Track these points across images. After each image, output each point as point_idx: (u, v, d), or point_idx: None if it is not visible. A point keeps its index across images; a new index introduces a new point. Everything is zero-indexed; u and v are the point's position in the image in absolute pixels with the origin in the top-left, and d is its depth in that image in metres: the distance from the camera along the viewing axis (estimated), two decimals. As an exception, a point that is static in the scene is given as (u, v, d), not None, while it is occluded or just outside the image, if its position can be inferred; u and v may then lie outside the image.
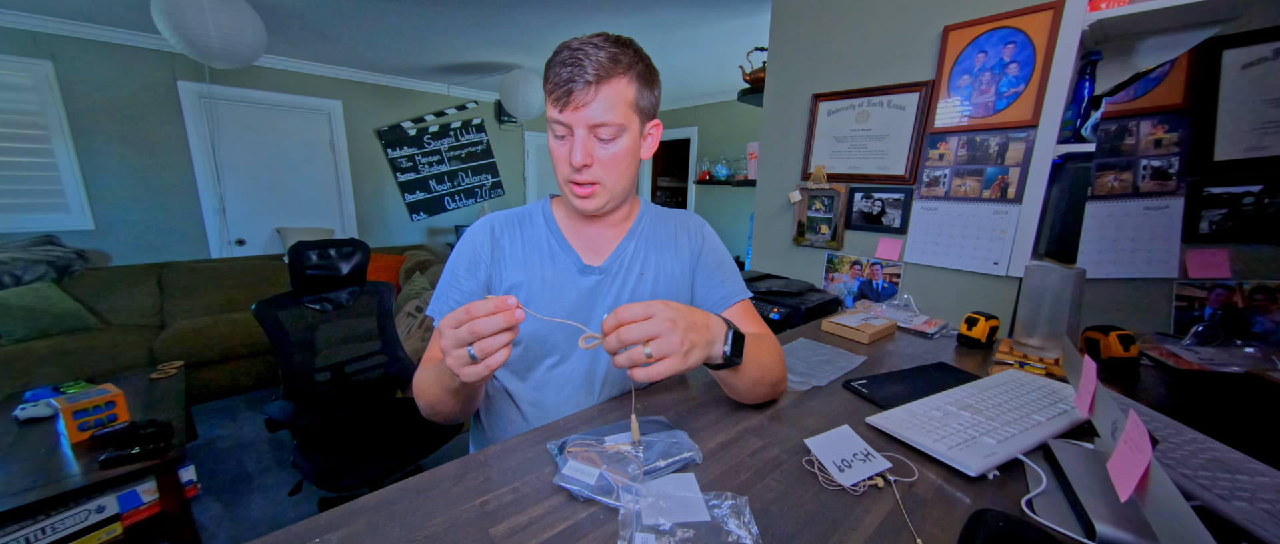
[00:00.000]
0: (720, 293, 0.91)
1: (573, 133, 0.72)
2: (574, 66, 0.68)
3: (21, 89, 2.87)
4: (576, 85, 0.69)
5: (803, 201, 1.90)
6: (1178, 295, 0.58)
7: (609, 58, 0.69)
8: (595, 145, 0.74)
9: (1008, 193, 1.40)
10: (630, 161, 0.78)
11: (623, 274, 0.86)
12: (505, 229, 0.87)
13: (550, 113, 0.73)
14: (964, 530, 0.49)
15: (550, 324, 0.81)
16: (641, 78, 0.74)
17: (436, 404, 0.72)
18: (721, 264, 0.93)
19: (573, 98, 0.69)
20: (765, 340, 0.81)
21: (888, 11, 1.60)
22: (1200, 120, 0.59)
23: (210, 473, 2.20)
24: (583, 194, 0.76)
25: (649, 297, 0.87)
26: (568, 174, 0.75)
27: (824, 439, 0.67)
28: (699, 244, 0.94)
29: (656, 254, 0.89)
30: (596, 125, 0.71)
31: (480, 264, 0.84)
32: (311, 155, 4.10)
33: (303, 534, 0.48)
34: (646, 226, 0.91)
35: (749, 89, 2.35)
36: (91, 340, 2.65)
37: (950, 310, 1.50)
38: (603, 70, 0.69)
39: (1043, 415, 0.71)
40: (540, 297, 0.83)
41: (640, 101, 0.75)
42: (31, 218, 2.99)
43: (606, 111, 0.71)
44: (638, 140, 0.78)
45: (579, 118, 0.71)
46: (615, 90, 0.71)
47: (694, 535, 0.49)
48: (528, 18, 2.89)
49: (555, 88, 0.70)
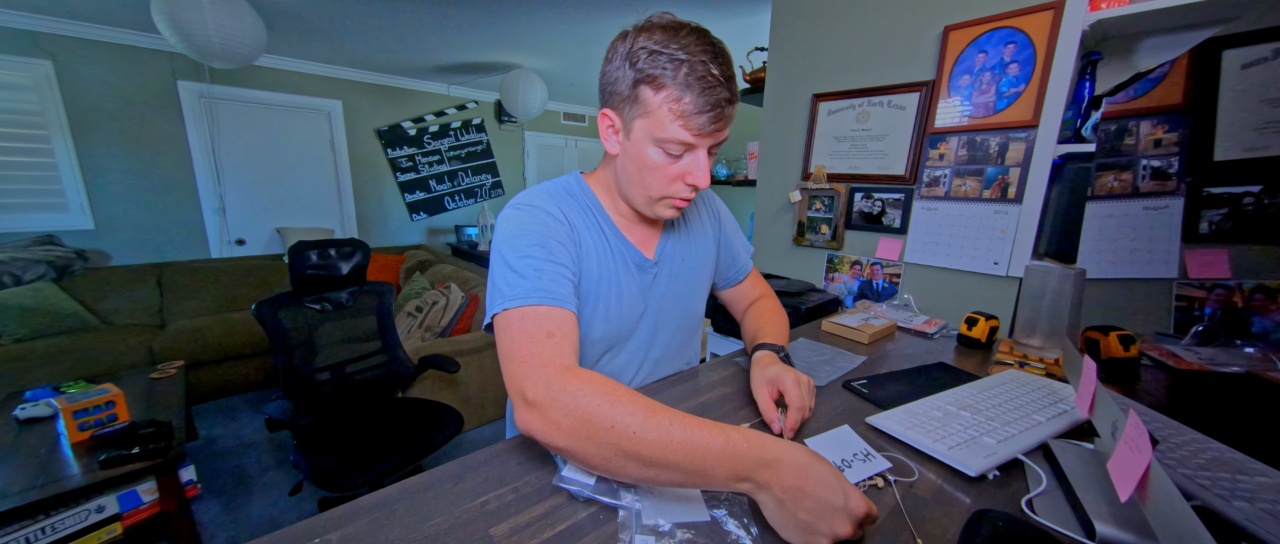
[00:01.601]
0: (739, 262, 1.00)
1: (693, 151, 0.69)
2: (723, 88, 0.65)
3: (21, 89, 2.87)
4: (727, 108, 0.66)
5: (803, 201, 1.90)
6: (1178, 295, 0.58)
7: (733, 72, 0.68)
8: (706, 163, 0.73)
9: (1008, 193, 1.40)
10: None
11: (670, 264, 0.87)
12: (572, 209, 0.79)
13: (671, 131, 0.66)
14: (964, 530, 0.49)
15: (617, 320, 0.81)
16: (737, 100, 0.73)
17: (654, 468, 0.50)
18: (735, 231, 1.01)
19: (721, 120, 0.66)
20: (772, 301, 1.00)
21: (888, 11, 1.60)
22: (1200, 120, 0.59)
23: (210, 473, 2.20)
24: (682, 206, 0.75)
25: (691, 280, 0.91)
26: (679, 192, 0.72)
27: (824, 439, 0.67)
28: (717, 218, 0.97)
29: (691, 237, 0.91)
30: (715, 147, 0.71)
31: (573, 240, 0.75)
32: (311, 155, 4.10)
33: (303, 534, 0.48)
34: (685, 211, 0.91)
35: (749, 89, 2.35)
36: (91, 340, 2.65)
37: (950, 310, 1.50)
38: (736, 88, 0.67)
39: (1043, 415, 0.71)
40: (610, 292, 0.80)
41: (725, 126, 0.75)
42: (31, 218, 2.99)
43: (725, 137, 0.71)
44: None
45: (713, 141, 0.69)
46: (731, 118, 0.69)
47: (694, 536, 0.49)
48: (528, 18, 2.89)
49: (703, 109, 0.64)
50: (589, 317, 0.78)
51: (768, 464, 0.48)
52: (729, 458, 0.49)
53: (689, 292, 0.91)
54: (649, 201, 0.75)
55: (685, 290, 0.90)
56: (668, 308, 0.88)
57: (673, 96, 0.64)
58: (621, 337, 0.83)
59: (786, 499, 0.47)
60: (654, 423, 0.51)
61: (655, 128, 0.66)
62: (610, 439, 0.51)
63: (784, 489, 0.47)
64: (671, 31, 0.65)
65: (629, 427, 0.51)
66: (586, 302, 0.77)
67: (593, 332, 0.79)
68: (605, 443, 0.51)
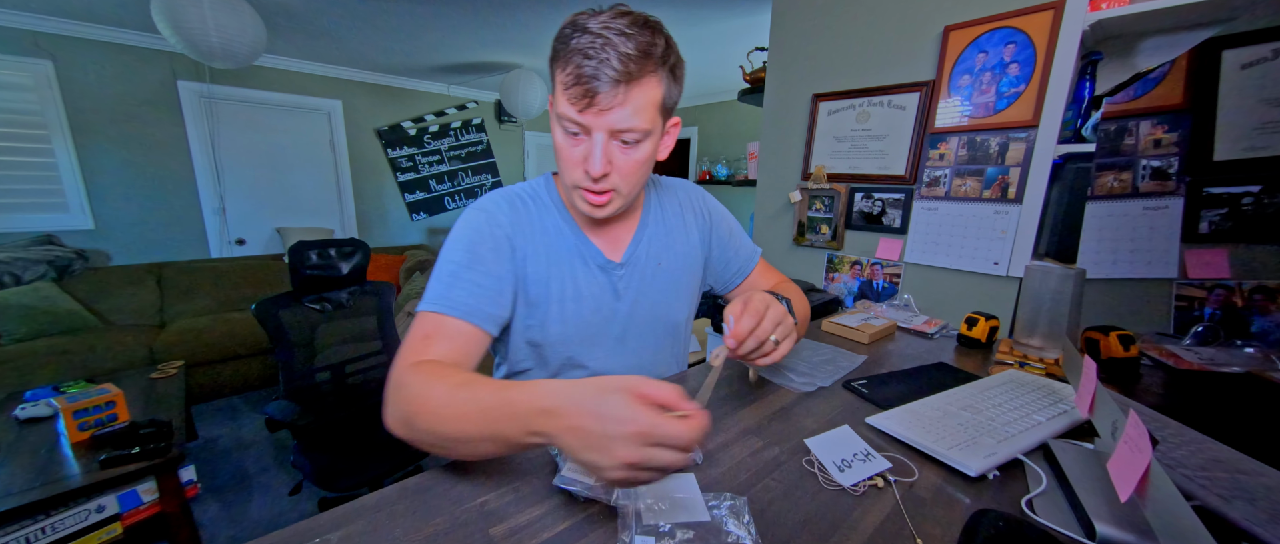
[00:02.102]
0: (739, 261, 0.94)
1: (590, 135, 0.64)
2: (599, 61, 0.58)
3: (21, 89, 2.87)
4: (602, 85, 0.59)
5: (803, 201, 1.90)
6: (1178, 295, 0.58)
7: (640, 51, 0.59)
8: (616, 151, 0.66)
9: (1008, 193, 1.40)
10: (649, 166, 0.71)
11: (641, 267, 0.83)
12: (521, 211, 0.77)
13: (561, 106, 0.63)
14: (964, 530, 0.49)
15: (576, 323, 0.78)
16: (673, 72, 0.66)
17: (463, 443, 0.51)
18: (733, 231, 0.95)
19: (597, 100, 0.60)
20: (791, 287, 0.92)
21: (888, 11, 1.60)
22: (1200, 120, 0.59)
23: (210, 473, 2.20)
24: (598, 202, 0.70)
25: (668, 285, 0.86)
26: (581, 180, 0.67)
27: (824, 439, 0.67)
28: (706, 219, 0.92)
29: (670, 239, 0.87)
30: (620, 131, 0.63)
31: (508, 247, 0.74)
32: (311, 155, 4.10)
33: (303, 534, 0.48)
34: (655, 212, 0.87)
35: (749, 89, 2.35)
36: (91, 340, 2.64)
37: (950, 310, 1.50)
38: (633, 68, 0.59)
39: (1043, 415, 0.71)
40: (566, 293, 0.77)
41: (667, 100, 0.67)
42: (31, 218, 2.99)
43: (633, 116, 0.62)
44: (658, 140, 0.71)
45: (602, 122, 0.62)
46: (645, 92, 0.62)
47: (693, 536, 0.49)
48: (528, 17, 2.89)
49: (574, 82, 0.60)
50: (542, 318, 0.77)
51: (545, 412, 0.45)
52: (510, 416, 0.47)
53: (666, 297, 0.86)
54: (570, 193, 0.72)
55: (661, 296, 0.85)
56: (640, 313, 0.83)
57: (562, 68, 0.62)
58: (585, 340, 0.80)
59: (572, 442, 0.43)
60: (451, 396, 0.52)
61: (555, 103, 0.65)
62: (420, 422, 0.53)
63: (565, 431, 0.44)
64: (600, 11, 0.62)
65: (430, 405, 0.52)
66: (537, 303, 0.76)
67: (548, 333, 0.77)
68: (419, 427, 0.53)
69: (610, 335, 0.82)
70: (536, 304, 0.76)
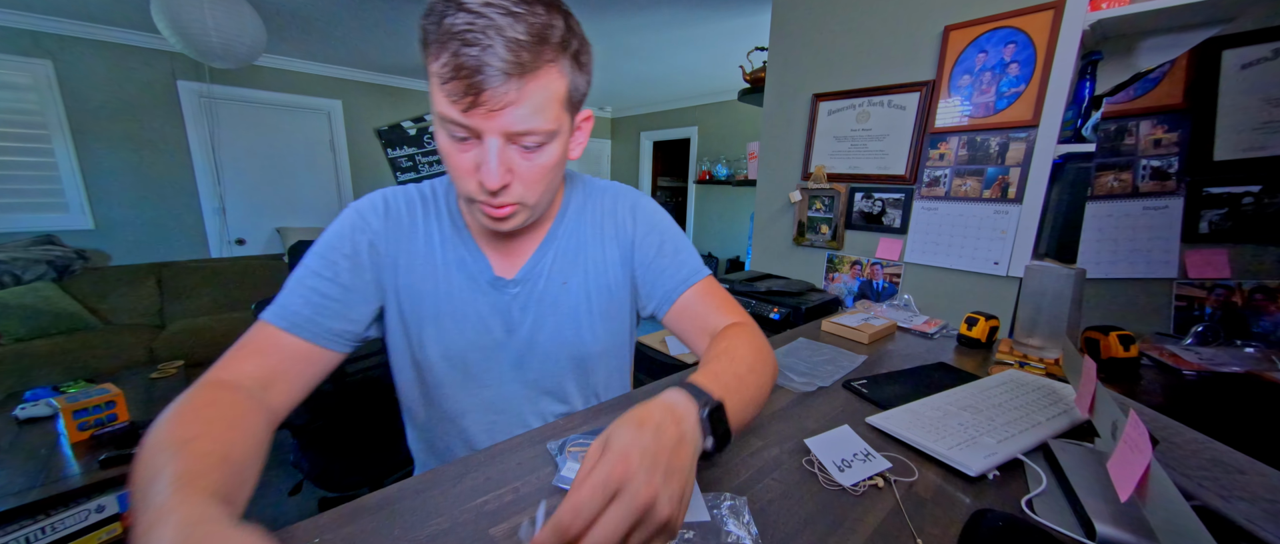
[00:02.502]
0: (668, 283, 0.74)
1: (481, 139, 0.53)
2: (482, 48, 0.48)
3: (21, 89, 2.88)
4: (490, 79, 0.48)
5: (803, 201, 1.90)
6: (1178, 295, 0.58)
7: (534, 35, 0.49)
8: (515, 157, 0.56)
9: (1008, 193, 1.40)
10: (559, 170, 0.62)
11: (539, 285, 0.72)
12: (402, 214, 0.69)
13: (441, 104, 0.52)
14: (964, 530, 0.49)
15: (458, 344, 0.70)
16: (576, 59, 0.56)
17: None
18: (662, 246, 0.76)
19: (484, 98, 0.49)
20: (741, 347, 0.61)
21: (888, 11, 1.60)
22: (1200, 120, 0.59)
23: (210, 473, 2.19)
24: (498, 216, 0.59)
25: (577, 309, 0.74)
26: (475, 193, 0.57)
27: (824, 439, 0.67)
28: (630, 230, 0.76)
29: (582, 255, 0.75)
30: (518, 134, 0.53)
31: (369, 255, 0.66)
32: (311, 155, 4.10)
33: (303, 534, 0.48)
34: (571, 222, 0.75)
35: (749, 89, 2.35)
36: (91, 340, 2.65)
37: (950, 310, 1.50)
38: (527, 57, 0.49)
39: (1043, 415, 0.71)
40: (444, 311, 0.69)
41: (574, 94, 0.58)
42: (31, 218, 2.99)
43: (533, 115, 0.52)
44: (568, 139, 0.61)
45: (494, 125, 0.52)
46: (545, 85, 0.52)
47: (694, 536, 0.49)
48: (528, 18, 2.89)
49: (453, 76, 0.48)
50: (418, 336, 0.69)
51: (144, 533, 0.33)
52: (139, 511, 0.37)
53: (573, 323, 0.74)
54: (470, 208, 0.62)
55: (567, 320, 0.73)
56: (541, 339, 0.73)
57: (435, 57, 0.50)
58: (470, 365, 0.71)
59: None
60: (153, 451, 0.41)
61: (433, 99, 0.54)
62: (134, 468, 0.42)
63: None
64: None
65: (147, 442, 0.43)
66: (413, 319, 0.69)
67: (428, 353, 0.70)
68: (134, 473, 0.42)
69: (504, 361, 0.73)
70: (412, 322, 0.69)
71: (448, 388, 0.72)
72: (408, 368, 0.73)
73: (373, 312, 0.68)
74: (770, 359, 0.64)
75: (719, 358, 0.58)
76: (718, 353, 0.59)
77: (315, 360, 0.61)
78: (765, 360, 0.62)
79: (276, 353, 0.58)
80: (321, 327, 0.61)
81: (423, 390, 0.74)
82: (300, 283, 0.62)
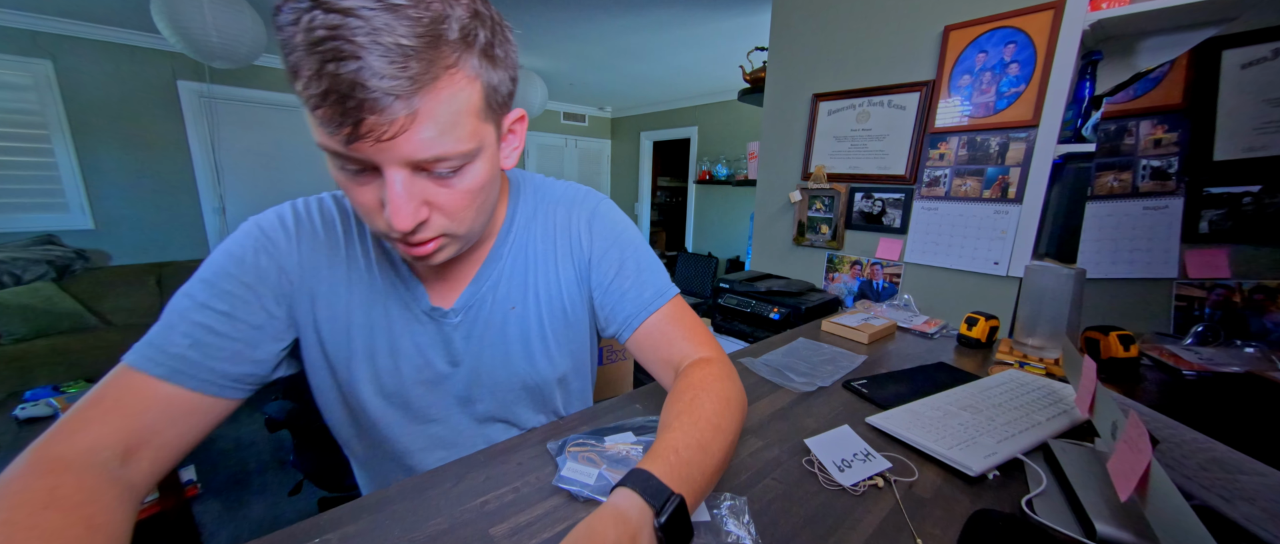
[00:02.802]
0: (629, 307, 0.66)
1: (380, 171, 0.43)
2: (358, 65, 0.36)
3: (21, 89, 2.87)
4: (371, 103, 0.37)
5: (803, 201, 1.90)
6: (1177, 295, 0.58)
7: (424, 37, 0.38)
8: (427, 187, 0.46)
9: (1008, 193, 1.40)
10: (490, 189, 0.52)
11: (487, 311, 0.64)
12: (317, 233, 0.59)
13: (318, 134, 0.41)
14: (964, 530, 0.49)
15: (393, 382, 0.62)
16: (488, 54, 0.44)
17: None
18: (623, 266, 0.67)
19: (366, 126, 0.38)
20: (706, 401, 0.54)
21: (888, 11, 1.60)
22: (1199, 120, 0.59)
23: (210, 473, 2.20)
24: (420, 254, 0.50)
25: (528, 336, 0.66)
26: (386, 233, 0.47)
27: (824, 439, 0.67)
28: (586, 247, 0.68)
29: (532, 275, 0.66)
30: (426, 162, 0.43)
31: (275, 283, 0.55)
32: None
33: (303, 534, 0.48)
34: (518, 237, 0.66)
35: (749, 89, 2.36)
36: (91, 340, 2.65)
37: (950, 310, 1.50)
38: (418, 67, 0.38)
39: (1043, 415, 0.71)
40: (383, 353, 0.61)
41: (494, 96, 0.47)
42: (31, 218, 2.99)
43: (440, 138, 0.42)
44: (496, 151, 0.52)
45: (390, 155, 0.41)
46: (449, 98, 0.41)
47: (694, 535, 0.49)
48: (527, 17, 2.89)
49: (320, 101, 0.37)
50: (349, 375, 0.61)
51: None
52: None
53: (524, 349, 0.66)
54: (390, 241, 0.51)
55: (517, 348, 0.66)
56: (487, 370, 0.65)
57: (298, 75, 0.38)
58: (412, 402, 0.64)
59: None
60: None
61: (311, 126, 0.42)
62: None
63: None
64: None
65: None
66: (341, 357, 0.60)
67: (361, 392, 0.62)
68: None
69: (449, 396, 0.66)
70: (339, 360, 0.60)
71: (388, 428, 0.65)
72: (337, 408, 0.65)
73: (281, 351, 0.57)
74: (738, 405, 0.57)
75: (681, 418, 0.51)
76: (680, 411, 0.53)
77: (200, 413, 0.50)
78: (732, 410, 0.55)
79: (145, 409, 0.47)
80: (212, 371, 0.50)
81: (359, 430, 0.67)
82: (183, 317, 0.50)
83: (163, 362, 0.48)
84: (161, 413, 0.48)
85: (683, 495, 0.42)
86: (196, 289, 0.52)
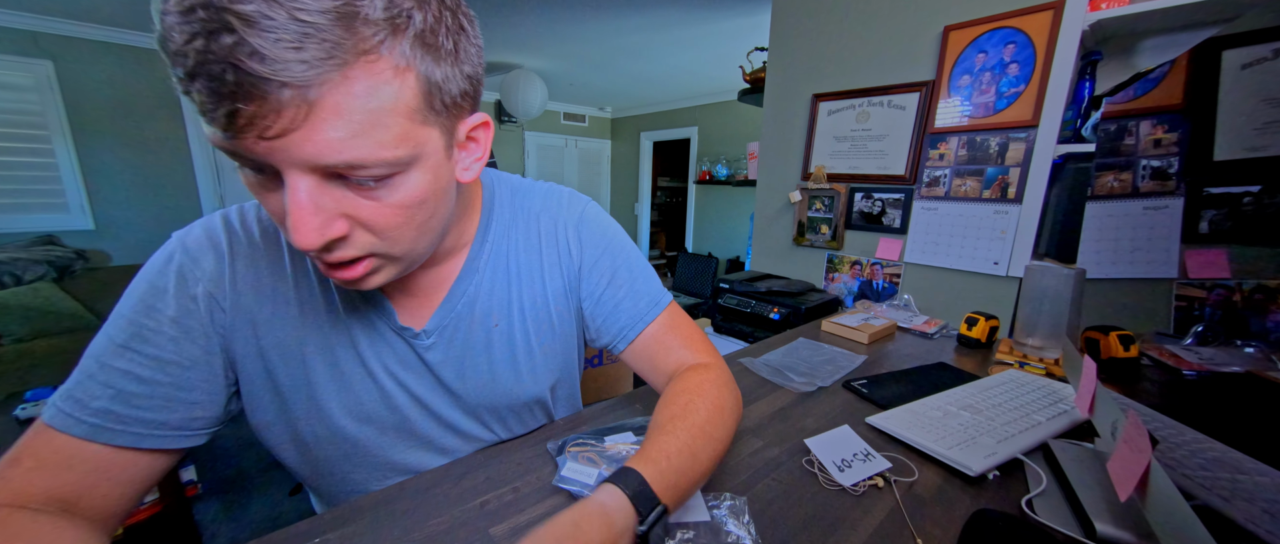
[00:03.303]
0: (623, 319, 0.63)
1: (282, 174, 0.35)
2: (229, 36, 0.29)
3: (21, 89, 2.88)
4: (252, 88, 0.30)
5: (803, 201, 1.90)
6: (1177, 295, 0.58)
7: (331, 17, 0.31)
8: (348, 198, 0.38)
9: (1008, 193, 1.40)
10: (432, 204, 0.43)
11: (465, 329, 0.58)
12: (264, 245, 0.52)
13: (205, 125, 0.33)
14: (964, 530, 0.49)
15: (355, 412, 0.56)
16: (423, 43, 0.36)
17: None
18: (615, 275, 0.63)
19: (245, 118, 0.31)
20: (700, 406, 0.52)
21: (888, 11, 1.60)
22: (1199, 120, 0.59)
23: (210, 473, 2.20)
24: (345, 277, 0.42)
25: (512, 352, 0.61)
26: (297, 244, 0.37)
27: (824, 439, 0.67)
28: (576, 257, 0.63)
29: (516, 288, 0.60)
30: (337, 168, 0.35)
31: (205, 313, 0.48)
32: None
33: (303, 534, 0.48)
34: (495, 245, 0.60)
35: (749, 89, 2.36)
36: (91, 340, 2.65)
37: (950, 310, 1.50)
38: (317, 51, 0.31)
39: (1043, 415, 0.71)
40: (352, 375, 0.54)
41: (435, 96, 0.38)
42: (31, 218, 2.99)
43: (354, 140, 0.34)
44: (444, 161, 0.43)
45: (286, 157, 0.33)
46: (366, 93, 0.34)
47: (693, 536, 0.49)
48: (527, 18, 2.89)
49: (187, 84, 0.31)
50: (306, 409, 0.54)
51: None
52: None
53: (510, 367, 0.61)
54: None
55: (503, 366, 0.61)
56: (472, 391, 0.60)
57: (173, 53, 0.31)
58: (386, 428, 0.58)
59: None
60: None
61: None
62: None
63: None
64: None
65: None
66: (294, 388, 0.53)
67: (316, 428, 0.55)
68: None
69: (425, 420, 0.60)
70: (292, 392, 0.53)
71: (351, 461, 0.58)
72: (287, 445, 0.57)
73: (228, 387, 0.52)
74: (732, 413, 0.56)
75: (675, 422, 0.50)
76: (674, 413, 0.51)
77: (140, 467, 0.45)
78: (725, 418, 0.54)
79: (69, 469, 0.42)
80: (144, 423, 0.44)
81: (314, 466, 0.59)
82: (102, 364, 0.44)
83: (83, 419, 0.42)
84: (91, 472, 0.43)
85: (667, 505, 0.43)
86: (117, 329, 0.45)
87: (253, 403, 0.54)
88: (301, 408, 0.54)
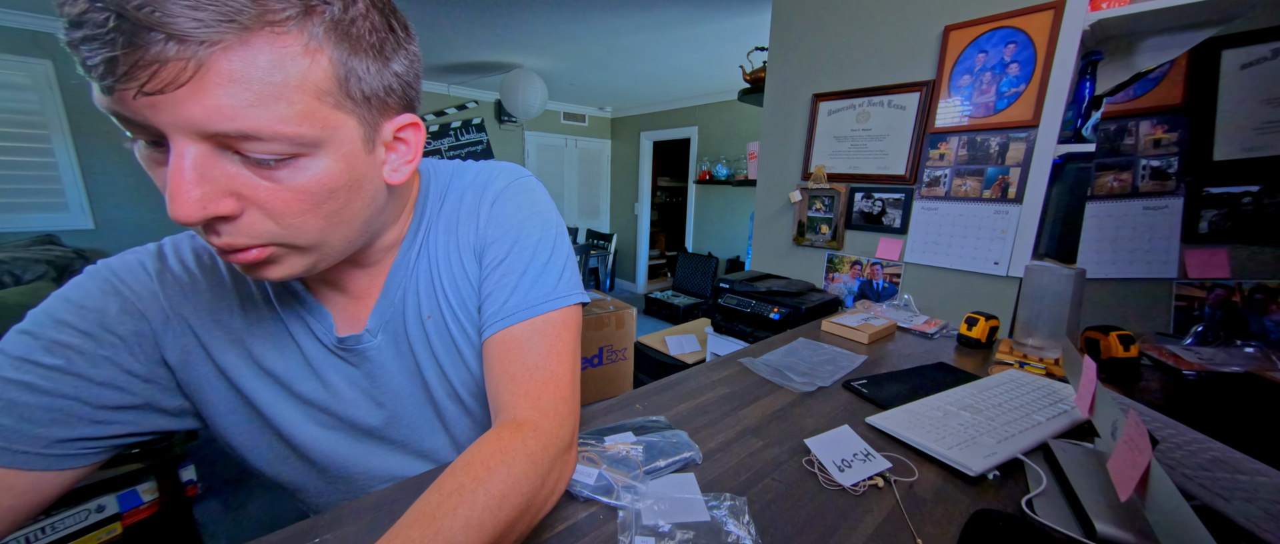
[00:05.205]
0: (488, 310, 0.53)
1: (166, 143, 0.34)
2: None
3: (21, 89, 2.88)
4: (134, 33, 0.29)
5: (803, 201, 1.90)
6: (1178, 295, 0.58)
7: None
8: (239, 174, 0.36)
9: (1008, 193, 1.40)
10: (345, 197, 0.41)
11: (400, 331, 0.56)
12: (199, 271, 0.51)
13: (96, 94, 0.34)
14: (964, 530, 0.49)
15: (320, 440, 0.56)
16: (341, 32, 0.36)
17: None
18: (505, 259, 0.55)
19: (120, 67, 0.30)
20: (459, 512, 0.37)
21: (888, 11, 1.60)
22: (1199, 120, 0.59)
23: (210, 473, 2.20)
24: (241, 261, 0.39)
25: (447, 344, 0.57)
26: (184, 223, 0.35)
27: (824, 439, 0.67)
28: (482, 231, 0.56)
29: (440, 275, 0.56)
30: (230, 136, 0.33)
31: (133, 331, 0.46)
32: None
33: (303, 534, 0.48)
34: (431, 236, 0.57)
35: (749, 89, 2.36)
36: None
37: (950, 310, 1.50)
38: (217, 11, 0.30)
39: (1043, 415, 0.71)
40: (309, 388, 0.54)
41: (351, 85, 0.38)
42: (31, 217, 2.99)
43: (249, 111, 0.33)
44: (363, 156, 0.41)
45: (168, 116, 0.32)
46: (264, 65, 0.33)
47: (694, 537, 0.49)
48: (528, 17, 2.89)
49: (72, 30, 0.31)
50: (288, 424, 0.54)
51: None
52: None
53: (452, 358, 0.58)
54: None
55: (448, 359, 0.58)
56: (412, 391, 0.59)
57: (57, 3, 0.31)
58: (338, 448, 0.57)
59: None
60: None
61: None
62: None
63: None
64: None
65: None
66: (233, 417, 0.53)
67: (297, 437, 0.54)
68: None
69: (374, 423, 0.58)
70: (232, 418, 0.53)
71: (351, 460, 0.58)
72: (288, 460, 0.58)
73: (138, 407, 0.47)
74: (517, 504, 0.40)
75: (423, 522, 0.36)
76: (432, 508, 0.38)
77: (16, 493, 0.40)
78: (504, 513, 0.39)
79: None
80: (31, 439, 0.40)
81: (316, 472, 0.59)
82: (6, 385, 0.40)
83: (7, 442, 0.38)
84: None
85: None
86: (14, 344, 0.41)
87: (226, 425, 0.54)
88: (286, 425, 0.55)
